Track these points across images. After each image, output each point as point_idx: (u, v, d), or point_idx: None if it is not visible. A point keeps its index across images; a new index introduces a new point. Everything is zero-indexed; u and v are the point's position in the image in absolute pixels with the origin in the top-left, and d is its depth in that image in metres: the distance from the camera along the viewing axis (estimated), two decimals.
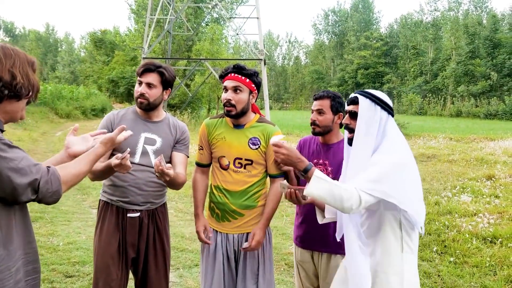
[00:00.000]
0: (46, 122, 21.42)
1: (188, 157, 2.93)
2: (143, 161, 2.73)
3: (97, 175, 2.63)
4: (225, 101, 2.71)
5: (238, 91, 2.68)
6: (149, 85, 2.69)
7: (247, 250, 2.72)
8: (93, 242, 2.86)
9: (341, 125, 2.87)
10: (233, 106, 2.68)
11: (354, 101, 2.23)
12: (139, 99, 2.71)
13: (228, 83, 2.70)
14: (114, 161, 2.33)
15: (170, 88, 2.84)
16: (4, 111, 1.71)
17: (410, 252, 2.15)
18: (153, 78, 2.70)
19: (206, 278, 2.83)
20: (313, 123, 2.86)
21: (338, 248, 2.72)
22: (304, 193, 2.08)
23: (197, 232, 2.81)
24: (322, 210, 2.45)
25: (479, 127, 25.04)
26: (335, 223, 2.71)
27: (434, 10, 65.28)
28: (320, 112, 2.82)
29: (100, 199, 2.88)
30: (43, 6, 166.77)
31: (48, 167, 1.68)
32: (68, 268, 4.48)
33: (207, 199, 2.95)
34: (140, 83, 2.71)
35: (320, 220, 2.48)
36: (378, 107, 2.16)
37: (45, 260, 4.61)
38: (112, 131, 2.71)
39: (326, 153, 2.87)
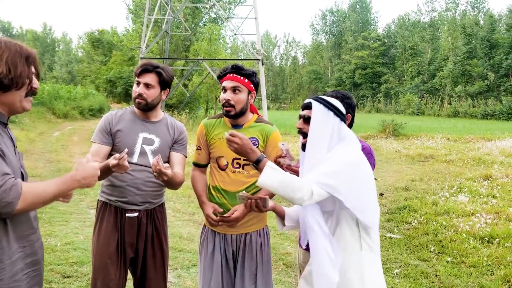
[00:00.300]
0: (43, 122, 21.36)
1: (186, 157, 2.94)
2: (141, 161, 2.74)
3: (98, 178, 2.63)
4: (224, 101, 2.71)
5: (237, 91, 2.69)
6: (147, 86, 2.70)
7: (226, 220, 2.66)
8: (91, 242, 2.87)
9: (350, 126, 2.84)
10: (232, 106, 2.69)
11: (308, 106, 2.25)
12: (137, 99, 2.72)
13: (227, 83, 2.71)
14: (112, 161, 2.33)
15: (168, 89, 2.85)
16: (1, 103, 1.76)
17: (370, 250, 2.17)
18: (151, 78, 2.71)
19: (205, 279, 2.83)
20: None
21: None
22: (257, 184, 2.09)
23: (207, 215, 2.75)
24: (282, 218, 2.46)
25: (476, 127, 25.09)
26: None
27: (431, 10, 65.41)
28: None
29: (98, 199, 2.89)
30: (40, 6, 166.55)
31: (15, 179, 1.66)
32: (66, 269, 4.48)
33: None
34: (138, 83, 2.72)
35: (280, 229, 2.49)
36: (331, 113, 2.19)
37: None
38: (111, 132, 2.73)
39: None
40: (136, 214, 2.77)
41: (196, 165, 2.96)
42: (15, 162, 1.79)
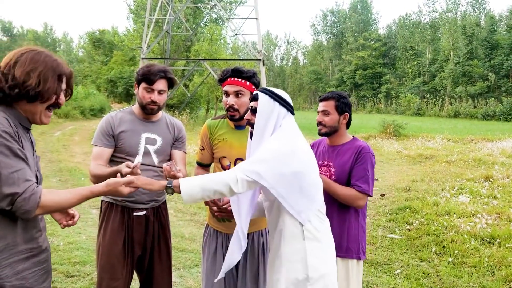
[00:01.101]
0: None
1: (185, 153, 3.02)
2: (146, 161, 2.78)
3: (102, 181, 2.66)
4: (228, 106, 2.72)
5: (239, 95, 2.70)
6: (160, 92, 2.75)
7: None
8: (96, 243, 2.89)
9: (347, 126, 2.91)
10: (237, 110, 2.70)
11: (255, 98, 2.30)
12: (150, 106, 2.75)
13: (229, 88, 2.71)
14: (125, 169, 2.34)
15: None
16: (24, 110, 1.83)
17: (313, 239, 2.17)
18: (163, 85, 2.77)
19: (207, 279, 2.84)
20: (319, 124, 2.88)
21: (348, 253, 2.77)
22: (184, 202, 2.13)
23: (212, 208, 2.74)
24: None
25: (477, 128, 25.10)
26: (347, 227, 2.79)
27: (432, 11, 65.47)
28: (325, 113, 2.85)
29: (102, 200, 2.91)
30: (41, 6, 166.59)
31: (35, 184, 1.73)
32: (68, 268, 4.49)
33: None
34: (151, 90, 2.73)
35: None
36: (277, 103, 2.25)
37: None
38: (113, 134, 2.75)
39: (331, 154, 2.89)
40: (143, 212, 2.83)
41: (200, 164, 2.98)
42: (33, 167, 1.84)
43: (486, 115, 39.30)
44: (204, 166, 2.98)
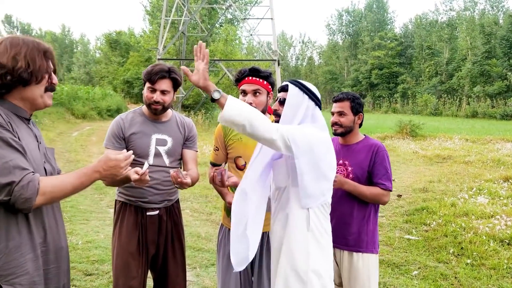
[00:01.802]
0: (62, 123, 21.69)
1: (197, 151, 3.02)
2: (157, 162, 2.80)
3: (113, 184, 2.73)
4: None
5: (257, 94, 2.72)
6: (163, 92, 2.74)
7: None
8: (111, 242, 2.93)
9: (360, 125, 2.97)
10: None
11: (284, 89, 2.29)
12: (153, 106, 2.75)
13: (247, 86, 2.73)
14: (133, 176, 2.36)
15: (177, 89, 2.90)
16: (21, 99, 1.82)
17: (317, 231, 2.16)
18: (166, 84, 2.75)
19: (223, 279, 2.87)
20: (334, 124, 2.93)
21: (359, 246, 2.82)
22: (221, 116, 1.99)
23: (229, 203, 2.73)
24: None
25: (496, 128, 24.68)
26: (367, 223, 2.84)
27: (449, 9, 64.59)
28: (341, 113, 2.89)
29: (116, 200, 2.96)
30: (59, 8, 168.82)
31: (33, 173, 1.71)
32: (87, 267, 4.56)
33: (223, 200, 3.00)
34: (153, 90, 2.73)
35: None
36: (306, 96, 2.23)
37: None
38: (124, 137, 2.78)
39: (346, 153, 2.94)
40: (156, 212, 2.86)
41: (214, 165, 3.00)
42: (38, 158, 1.84)
43: (505, 115, 38.59)
44: (218, 166, 3.00)
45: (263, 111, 2.78)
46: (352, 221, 2.85)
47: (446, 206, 7.17)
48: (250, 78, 2.73)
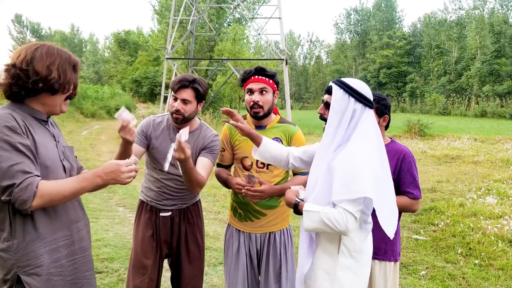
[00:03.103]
0: (72, 122, 21.87)
1: (213, 164, 2.88)
2: (172, 171, 2.80)
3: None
4: (252, 103, 2.76)
5: (264, 92, 2.75)
6: (184, 101, 2.72)
7: (252, 190, 2.66)
8: (132, 235, 3.06)
9: (386, 127, 2.86)
10: (261, 107, 2.75)
11: (329, 91, 2.20)
12: (174, 115, 2.75)
13: (254, 85, 2.77)
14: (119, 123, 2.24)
15: (203, 101, 2.85)
16: (42, 103, 1.91)
17: (348, 256, 2.11)
18: (188, 94, 2.72)
19: (230, 277, 2.89)
20: None
21: (376, 253, 2.71)
22: (304, 229, 2.10)
23: (236, 183, 2.73)
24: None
25: (505, 128, 24.51)
26: (377, 228, 2.74)
27: (458, 8, 64.04)
28: None
29: (139, 198, 3.05)
30: (68, 7, 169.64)
31: (35, 177, 1.77)
32: (97, 265, 4.60)
33: (230, 199, 3.03)
34: (175, 98, 2.74)
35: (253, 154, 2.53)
36: (352, 99, 2.10)
37: None
38: (147, 137, 2.83)
39: None
40: (169, 213, 2.91)
41: (220, 166, 3.02)
42: (55, 156, 1.93)
43: None
44: (225, 167, 3.03)
45: (270, 110, 2.81)
46: (376, 228, 2.75)
47: (455, 206, 7.16)
48: (256, 77, 2.77)
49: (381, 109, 2.78)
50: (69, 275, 1.95)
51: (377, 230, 2.71)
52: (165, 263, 3.11)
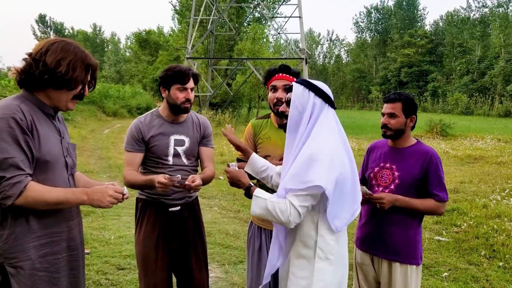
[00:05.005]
0: (94, 120, 22.20)
1: (213, 148, 3.11)
2: (176, 162, 2.88)
3: (136, 187, 2.85)
4: (276, 100, 2.78)
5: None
6: (191, 89, 2.87)
7: None
8: (135, 239, 3.01)
9: (412, 128, 2.82)
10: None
11: (290, 89, 2.25)
12: (184, 105, 2.84)
13: (278, 82, 2.79)
14: (160, 179, 2.55)
15: None
16: (48, 97, 1.93)
17: (324, 259, 2.11)
18: (192, 82, 2.87)
19: (253, 275, 2.90)
20: (384, 126, 2.79)
21: (398, 256, 2.70)
22: (251, 213, 2.17)
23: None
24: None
25: None
26: (399, 230, 2.72)
27: (482, 6, 62.90)
28: (391, 115, 2.75)
29: (137, 197, 3.03)
30: (90, 7, 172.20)
31: (27, 176, 1.80)
32: (120, 261, 4.68)
33: None
34: (184, 89, 2.83)
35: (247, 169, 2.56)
36: (312, 94, 2.14)
37: (98, 253, 4.84)
38: (143, 140, 2.86)
39: (395, 157, 2.80)
40: (178, 208, 2.93)
41: (239, 160, 3.01)
42: (57, 151, 1.96)
43: None
44: (243, 162, 3.04)
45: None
46: (391, 229, 2.72)
47: (478, 207, 7.05)
48: (281, 74, 2.79)
49: (409, 109, 2.74)
50: (55, 272, 1.95)
51: (398, 233, 2.70)
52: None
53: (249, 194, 2.21)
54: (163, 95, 2.92)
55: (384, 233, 2.74)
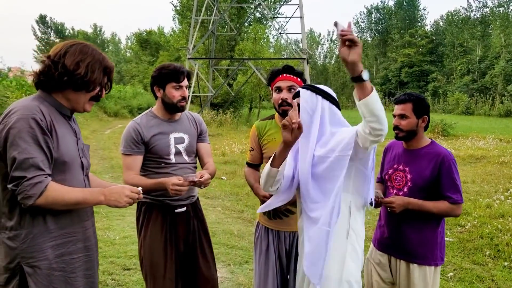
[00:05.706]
0: (95, 121, 22.20)
1: (209, 144, 3.17)
2: (178, 160, 2.90)
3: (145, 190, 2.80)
4: (281, 101, 2.79)
5: (292, 90, 2.77)
6: (186, 87, 2.91)
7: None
8: (138, 244, 2.98)
9: (425, 128, 2.79)
10: (289, 105, 2.75)
11: (297, 94, 2.29)
12: (180, 103, 2.87)
13: (282, 83, 2.79)
14: (175, 181, 2.59)
15: None
16: (66, 98, 1.97)
17: (355, 240, 2.20)
18: (186, 80, 2.90)
19: (260, 276, 2.89)
20: (395, 128, 2.77)
21: (416, 257, 2.69)
22: (369, 98, 1.98)
23: (265, 197, 2.72)
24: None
25: None
26: (416, 232, 2.71)
27: (482, 6, 62.87)
28: (402, 116, 2.72)
29: (140, 201, 2.96)
30: (90, 7, 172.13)
31: (47, 176, 1.82)
32: (125, 261, 4.69)
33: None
34: (180, 87, 2.85)
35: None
36: (319, 97, 2.22)
37: (103, 253, 4.84)
38: (142, 142, 2.84)
39: (408, 159, 2.77)
40: (184, 208, 2.94)
41: (250, 165, 3.06)
42: (74, 152, 1.99)
43: None
44: (254, 166, 3.06)
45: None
46: (407, 231, 2.70)
47: (481, 207, 7.05)
48: (285, 75, 2.79)
49: (420, 109, 2.72)
50: (71, 272, 1.97)
51: (414, 235, 2.69)
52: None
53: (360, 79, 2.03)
54: (157, 94, 2.90)
55: (401, 235, 2.73)
